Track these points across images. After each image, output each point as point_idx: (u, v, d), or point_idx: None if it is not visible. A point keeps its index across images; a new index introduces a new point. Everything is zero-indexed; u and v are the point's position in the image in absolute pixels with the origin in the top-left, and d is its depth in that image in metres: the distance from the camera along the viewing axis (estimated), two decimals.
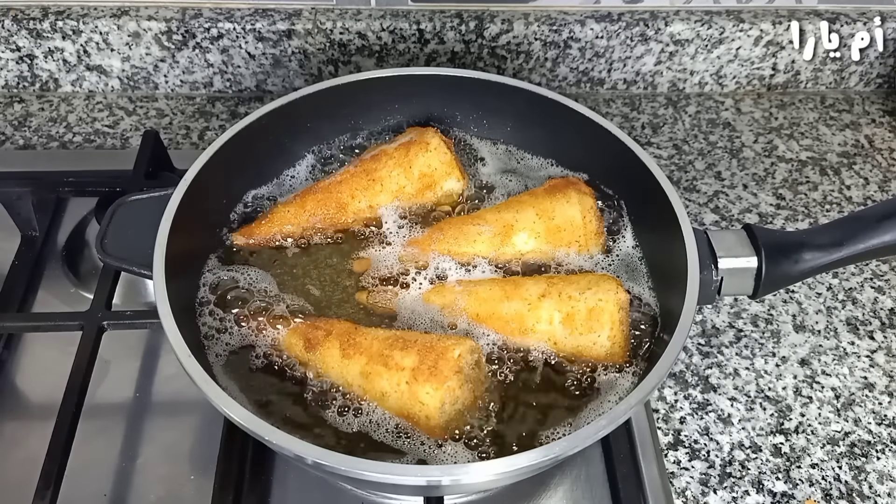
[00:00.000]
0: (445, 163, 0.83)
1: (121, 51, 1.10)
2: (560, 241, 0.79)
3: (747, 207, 1.03)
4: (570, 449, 0.59)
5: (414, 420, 0.66)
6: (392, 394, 0.66)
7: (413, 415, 0.66)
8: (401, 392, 0.66)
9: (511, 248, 0.79)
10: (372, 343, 0.68)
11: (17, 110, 1.13)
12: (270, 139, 0.84)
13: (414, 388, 0.65)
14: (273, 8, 1.09)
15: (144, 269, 0.69)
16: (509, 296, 0.73)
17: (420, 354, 0.66)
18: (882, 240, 0.72)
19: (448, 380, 0.64)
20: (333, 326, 0.71)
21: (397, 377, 0.66)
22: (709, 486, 0.77)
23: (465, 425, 0.67)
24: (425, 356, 0.65)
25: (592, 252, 0.80)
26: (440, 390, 0.64)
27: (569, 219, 0.78)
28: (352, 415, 0.68)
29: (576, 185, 0.80)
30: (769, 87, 1.20)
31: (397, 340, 0.68)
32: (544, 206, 0.79)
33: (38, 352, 0.85)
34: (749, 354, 0.87)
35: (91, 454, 0.76)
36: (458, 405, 0.66)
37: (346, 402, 0.69)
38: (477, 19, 1.09)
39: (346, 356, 0.68)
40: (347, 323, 0.72)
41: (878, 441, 0.81)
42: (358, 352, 0.68)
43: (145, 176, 0.93)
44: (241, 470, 0.73)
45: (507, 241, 0.79)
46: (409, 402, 0.65)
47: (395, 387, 0.66)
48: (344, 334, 0.70)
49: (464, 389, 0.66)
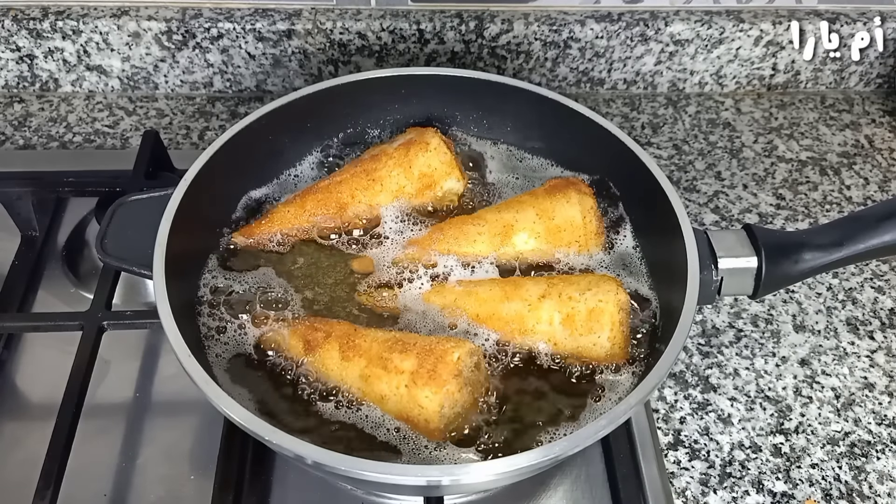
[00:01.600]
0: (445, 163, 0.83)
1: (121, 51, 1.10)
2: (560, 241, 0.79)
3: (747, 207, 1.03)
4: (570, 449, 0.59)
5: (413, 423, 0.66)
6: (391, 397, 0.66)
7: (412, 418, 0.66)
8: (400, 395, 0.66)
9: (511, 248, 0.79)
10: (371, 345, 0.68)
11: (17, 110, 1.13)
12: (270, 139, 0.84)
13: (413, 392, 0.65)
14: (273, 8, 1.09)
15: (144, 269, 0.69)
16: (509, 296, 0.73)
17: (419, 358, 0.65)
18: (882, 240, 0.72)
19: (447, 383, 0.64)
20: (333, 328, 0.71)
21: (396, 380, 0.66)
22: (709, 486, 0.77)
23: (465, 427, 0.67)
24: (424, 360, 0.65)
25: (592, 252, 0.80)
26: (439, 394, 0.64)
27: (569, 219, 0.78)
28: (352, 414, 0.68)
29: (576, 186, 0.80)
30: (769, 87, 1.20)
31: (396, 343, 0.68)
32: (544, 206, 0.79)
33: (38, 352, 0.85)
34: (749, 354, 0.87)
35: (91, 454, 0.76)
36: (457, 408, 0.66)
37: (346, 403, 0.69)
38: (477, 19, 1.09)
39: (346, 358, 0.68)
40: (347, 324, 0.72)
41: (878, 441, 0.80)
42: (357, 354, 0.68)
43: (145, 176, 0.93)
44: (241, 470, 0.73)
45: (507, 240, 0.79)
46: (408, 405, 0.65)
47: (395, 390, 0.66)
48: (343, 336, 0.70)
49: (463, 392, 0.66)
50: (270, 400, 0.69)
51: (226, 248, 0.80)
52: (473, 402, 0.68)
